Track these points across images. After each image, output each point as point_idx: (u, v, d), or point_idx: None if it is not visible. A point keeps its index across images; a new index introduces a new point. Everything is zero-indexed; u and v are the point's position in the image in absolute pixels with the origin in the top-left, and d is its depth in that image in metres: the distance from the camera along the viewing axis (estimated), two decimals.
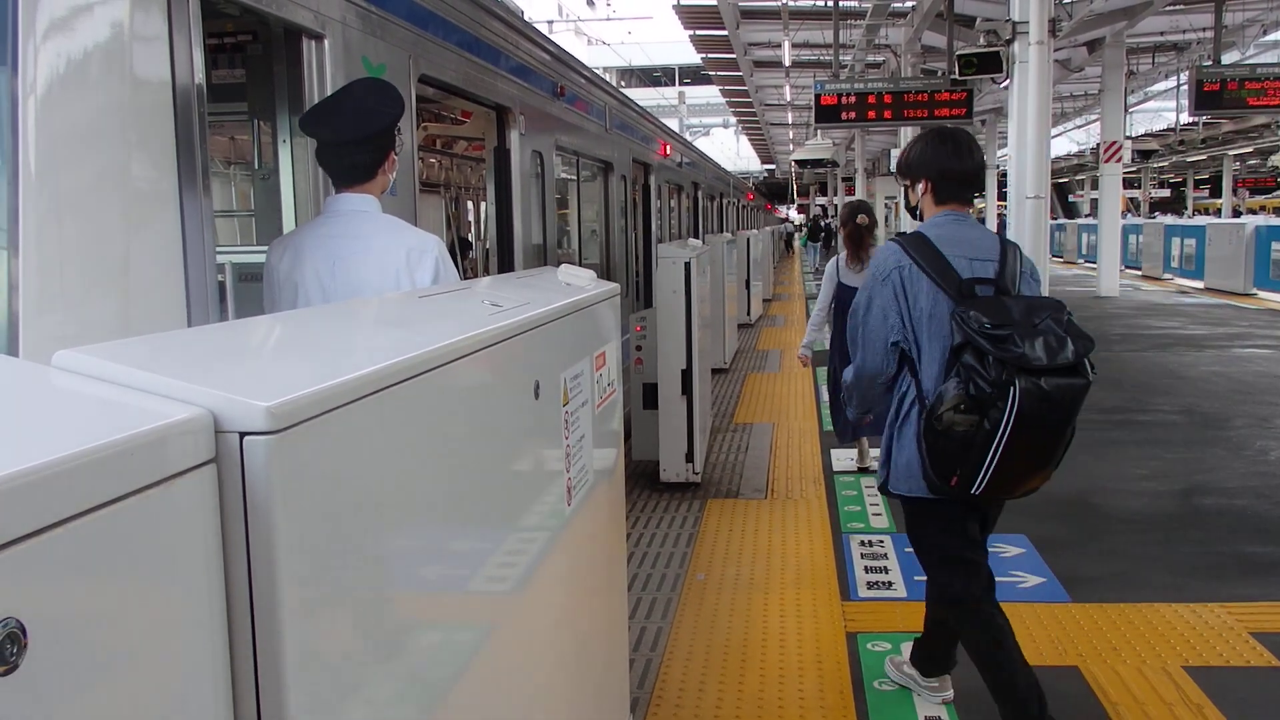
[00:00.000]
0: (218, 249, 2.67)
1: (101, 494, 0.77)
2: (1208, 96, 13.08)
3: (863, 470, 6.37)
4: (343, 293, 2.52)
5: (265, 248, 2.82)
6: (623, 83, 47.34)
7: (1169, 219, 29.84)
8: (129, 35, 2.03)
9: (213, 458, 0.91)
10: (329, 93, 2.98)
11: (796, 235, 32.61)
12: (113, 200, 2.00)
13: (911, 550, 3.28)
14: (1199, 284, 20.47)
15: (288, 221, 3.38)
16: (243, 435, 0.93)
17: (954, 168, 3.10)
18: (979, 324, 2.73)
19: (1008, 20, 9.78)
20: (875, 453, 5.60)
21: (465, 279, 2.70)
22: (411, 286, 2.53)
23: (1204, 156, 37.19)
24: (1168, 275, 22.85)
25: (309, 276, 2.54)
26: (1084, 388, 2.76)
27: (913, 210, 3.26)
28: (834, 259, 6.37)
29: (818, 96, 12.68)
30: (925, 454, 2.88)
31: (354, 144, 2.60)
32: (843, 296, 5.85)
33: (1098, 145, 20.40)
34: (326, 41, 3.01)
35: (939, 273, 2.91)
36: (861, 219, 6.13)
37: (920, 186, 3.15)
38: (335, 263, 2.54)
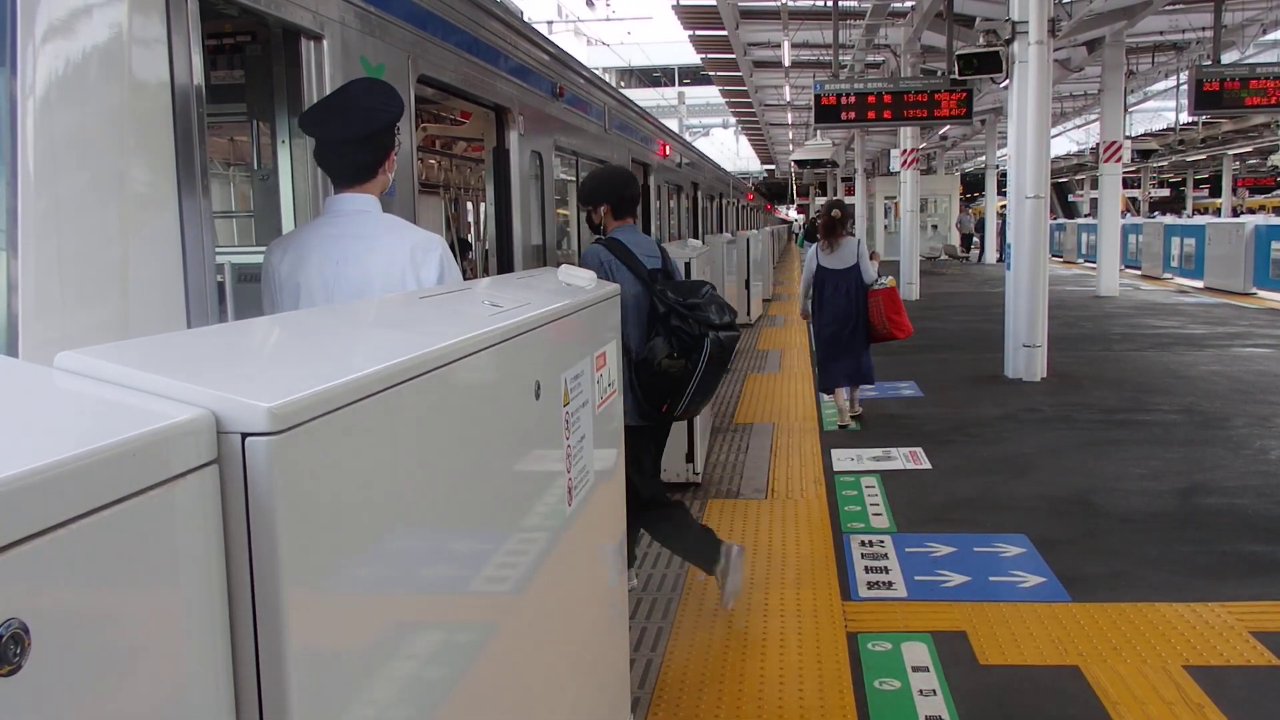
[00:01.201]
0: (217, 250, 2.67)
1: (104, 495, 0.77)
2: (1207, 96, 13.05)
3: (844, 427, 7.74)
4: (348, 292, 2.50)
5: (265, 248, 2.81)
6: (622, 83, 47.32)
7: (1169, 218, 29.82)
8: (128, 37, 2.04)
9: (215, 459, 0.91)
10: (328, 93, 2.98)
11: (793, 237, 32.98)
12: (112, 202, 2.00)
13: (913, 550, 3.38)
14: (1199, 283, 20.46)
15: (287, 222, 3.38)
16: (245, 436, 0.93)
17: (626, 193, 4.25)
18: (675, 299, 3.97)
19: (1007, 20, 9.76)
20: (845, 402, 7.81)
21: (465, 279, 2.69)
22: (417, 284, 2.52)
23: (1203, 156, 37.17)
24: (1167, 275, 22.84)
25: (313, 277, 2.51)
26: (738, 337, 4.09)
27: (595, 226, 4.34)
28: (814, 246, 7.84)
29: (817, 97, 12.65)
30: (640, 392, 3.97)
31: (355, 143, 2.57)
32: (820, 274, 7.63)
33: (1097, 145, 20.40)
34: (325, 42, 3.01)
35: (633, 266, 4.04)
36: (835, 213, 7.68)
37: (603, 209, 4.22)
38: (340, 263, 2.52)
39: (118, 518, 0.79)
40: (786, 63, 19.27)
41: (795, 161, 30.34)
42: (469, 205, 12.12)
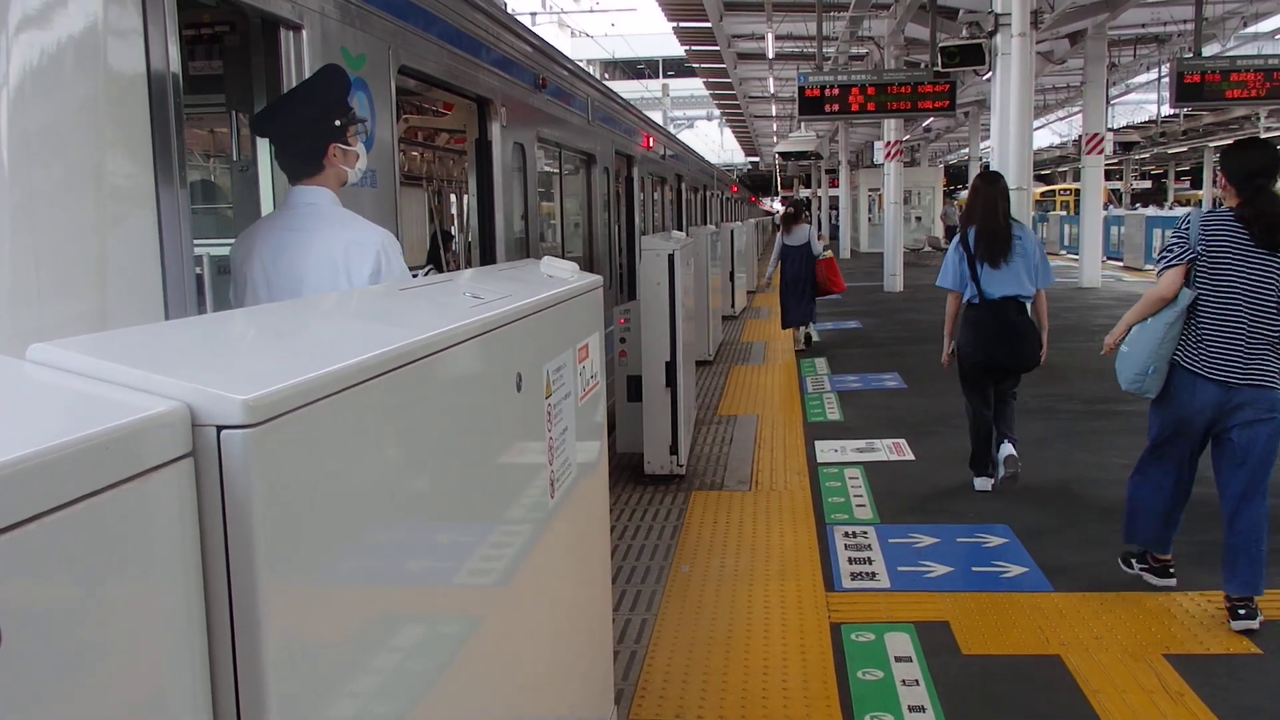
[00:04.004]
0: (195, 242, 2.65)
1: (77, 488, 0.76)
2: (1188, 89, 13.10)
3: (800, 352, 11.33)
4: (284, 285, 2.51)
5: None
6: (606, 75, 47.22)
7: (1150, 210, 30.00)
8: (103, 27, 2.01)
9: (190, 452, 0.90)
10: None
11: (776, 228, 33.20)
12: (88, 194, 1.98)
13: (896, 541, 3.37)
14: None
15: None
16: (220, 429, 0.92)
17: None
18: None
19: (990, 12, 9.81)
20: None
21: (447, 272, 2.67)
22: (348, 281, 2.50)
23: (1185, 148, 37.40)
24: (1149, 266, 22.98)
25: (255, 268, 2.54)
26: None
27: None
28: (779, 232, 11.59)
29: (801, 88, 12.64)
30: None
31: (290, 137, 2.60)
32: (783, 250, 11.36)
33: (1079, 137, 20.48)
34: (305, 32, 2.98)
35: None
36: (789, 210, 11.77)
37: None
38: (279, 255, 2.53)
39: (90, 512, 0.78)
40: (770, 55, 19.29)
41: (779, 154, 30.30)
42: (452, 197, 12.07)
